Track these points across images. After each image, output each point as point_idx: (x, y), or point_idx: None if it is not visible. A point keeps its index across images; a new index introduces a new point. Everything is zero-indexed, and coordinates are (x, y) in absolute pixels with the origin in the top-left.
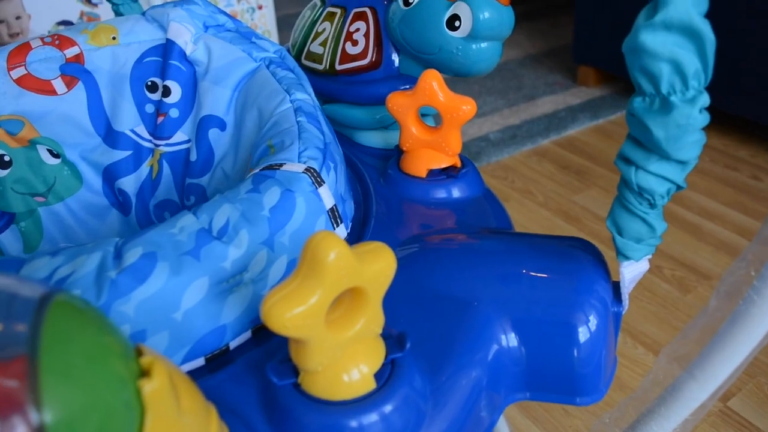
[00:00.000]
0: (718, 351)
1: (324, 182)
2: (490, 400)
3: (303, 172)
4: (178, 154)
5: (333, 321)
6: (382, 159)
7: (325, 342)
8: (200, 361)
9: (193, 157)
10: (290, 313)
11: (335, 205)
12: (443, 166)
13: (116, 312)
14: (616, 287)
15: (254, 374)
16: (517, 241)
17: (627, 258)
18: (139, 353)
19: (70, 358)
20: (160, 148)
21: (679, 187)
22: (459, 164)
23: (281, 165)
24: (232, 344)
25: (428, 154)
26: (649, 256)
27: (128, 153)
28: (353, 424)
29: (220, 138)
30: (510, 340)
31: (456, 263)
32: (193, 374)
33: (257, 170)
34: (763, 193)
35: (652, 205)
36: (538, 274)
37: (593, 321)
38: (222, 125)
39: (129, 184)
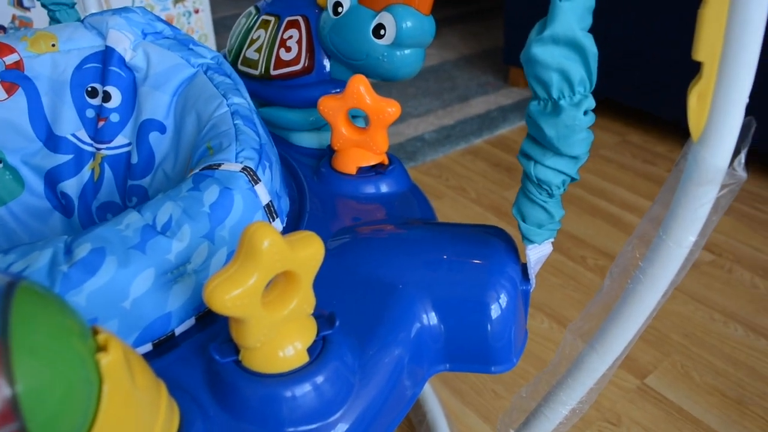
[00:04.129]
0: (613, 326)
1: (260, 180)
2: (412, 373)
3: (240, 171)
4: (119, 157)
5: (269, 302)
6: (316, 158)
7: (262, 321)
8: (148, 347)
9: (135, 159)
10: (230, 294)
11: (271, 201)
12: (372, 163)
13: (69, 302)
14: (524, 268)
15: (199, 356)
16: (438, 230)
17: (531, 242)
18: (95, 332)
19: (37, 337)
20: (102, 151)
21: (572, 179)
22: (386, 161)
23: (220, 165)
24: (178, 330)
25: (357, 152)
26: (551, 240)
27: (69, 157)
28: (288, 393)
29: (161, 141)
30: (431, 318)
31: (383, 251)
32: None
33: (197, 170)
34: None
35: (550, 195)
36: (457, 259)
37: (504, 299)
38: (162, 128)
39: (71, 187)
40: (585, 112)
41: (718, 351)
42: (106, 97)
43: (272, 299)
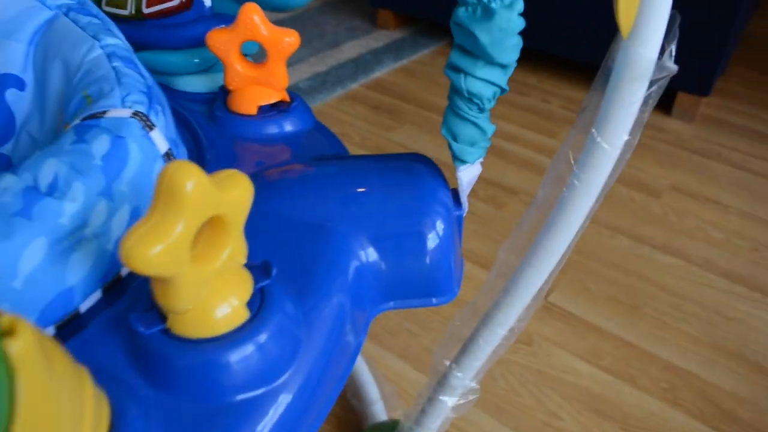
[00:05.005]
0: (549, 236)
1: (155, 126)
2: (356, 319)
3: (131, 117)
4: None
5: (197, 255)
6: (207, 103)
7: (193, 278)
8: (50, 331)
9: None
10: (154, 249)
11: (170, 149)
12: (273, 101)
13: None
14: (455, 193)
15: (115, 332)
16: (357, 163)
17: (463, 162)
18: None
19: None
20: None
21: (503, 90)
22: (288, 99)
23: (105, 112)
24: (83, 307)
25: (256, 90)
26: (481, 159)
27: None
28: (231, 357)
29: (20, 99)
30: (369, 254)
31: (303, 189)
32: None
33: (77, 122)
34: (552, 114)
35: (481, 109)
36: (384, 189)
37: (440, 226)
38: (20, 84)
39: None
40: (517, 14)
41: (608, 262)
42: None
43: (201, 252)
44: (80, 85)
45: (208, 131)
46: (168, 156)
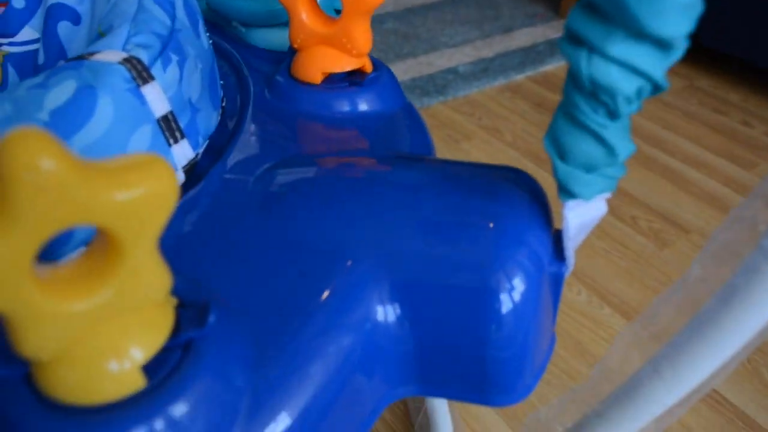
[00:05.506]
0: (697, 339)
1: (152, 78)
2: (355, 399)
3: (119, 63)
4: (26, 57)
5: (64, 280)
6: (278, 64)
7: (39, 314)
8: None
9: (41, 59)
10: None
11: (171, 112)
12: (346, 69)
13: None
14: (557, 239)
15: None
16: (428, 171)
17: (572, 195)
18: None
19: None
20: (3, 48)
21: (656, 87)
22: (368, 68)
23: (94, 54)
24: None
25: (325, 53)
26: (607, 195)
27: None
28: None
29: (73, 33)
30: (389, 312)
31: (330, 200)
32: None
33: (61, 63)
34: (754, 140)
35: (612, 113)
36: (446, 218)
37: (520, 286)
38: (75, 17)
39: None
40: None
41: None
42: None
43: (73, 275)
44: (105, 20)
45: (262, 99)
46: (166, 122)
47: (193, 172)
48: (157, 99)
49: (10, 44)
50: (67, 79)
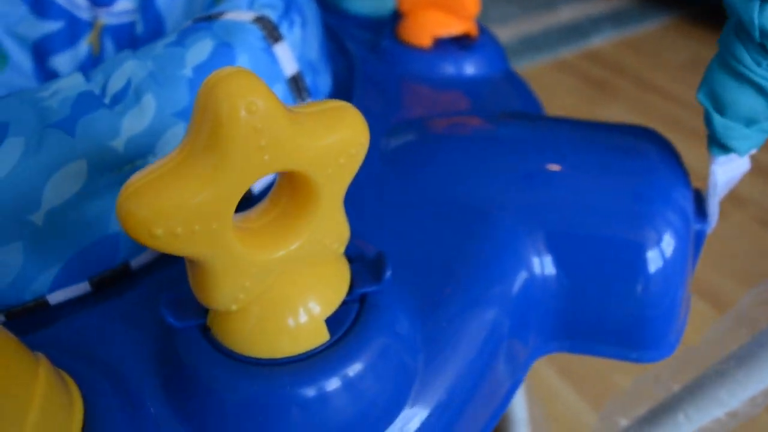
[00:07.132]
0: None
1: (282, 38)
2: (513, 350)
3: (252, 23)
4: (123, 28)
5: (256, 230)
6: (376, 31)
7: (238, 263)
8: (85, 287)
9: (140, 29)
10: (160, 208)
11: (300, 72)
12: (454, 33)
13: None
14: (698, 197)
15: (154, 303)
16: (555, 128)
17: (727, 149)
18: None
19: None
20: (101, 18)
21: None
22: (475, 33)
23: (222, 14)
24: (134, 263)
25: (434, 16)
26: (755, 150)
27: (60, 24)
28: (300, 395)
29: (172, 3)
30: (545, 265)
31: (467, 156)
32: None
33: (188, 23)
34: None
35: None
36: (588, 173)
37: (669, 242)
38: None
39: (64, 63)
40: None
41: None
42: None
43: (264, 225)
44: None
45: (369, 64)
46: (295, 81)
47: None
48: (286, 58)
49: (108, 14)
50: (203, 38)
